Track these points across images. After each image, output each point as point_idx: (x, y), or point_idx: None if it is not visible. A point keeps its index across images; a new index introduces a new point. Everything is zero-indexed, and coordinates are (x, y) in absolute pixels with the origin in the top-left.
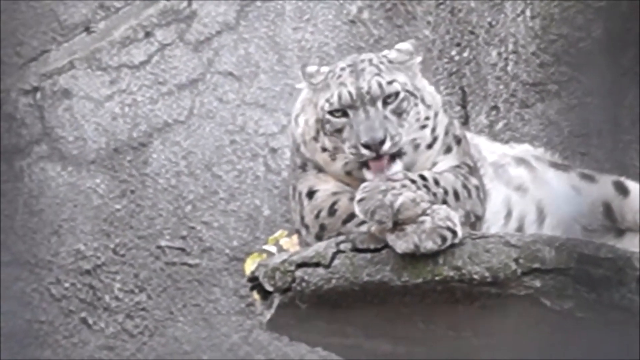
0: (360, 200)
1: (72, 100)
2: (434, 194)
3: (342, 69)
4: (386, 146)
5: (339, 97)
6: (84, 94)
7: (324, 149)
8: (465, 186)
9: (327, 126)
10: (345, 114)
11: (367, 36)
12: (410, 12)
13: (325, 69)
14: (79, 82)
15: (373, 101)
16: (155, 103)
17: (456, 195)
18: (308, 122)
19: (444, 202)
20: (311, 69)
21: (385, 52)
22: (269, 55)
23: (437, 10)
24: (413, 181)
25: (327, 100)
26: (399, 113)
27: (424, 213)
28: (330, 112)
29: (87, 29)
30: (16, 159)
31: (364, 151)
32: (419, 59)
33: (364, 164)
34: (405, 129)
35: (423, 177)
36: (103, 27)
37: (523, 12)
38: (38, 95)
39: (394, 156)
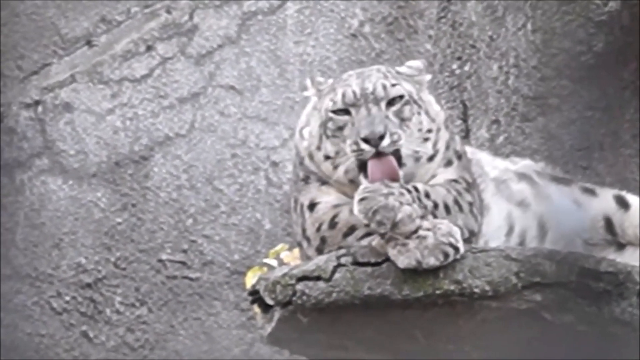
0: (362, 199)
1: (73, 113)
2: (424, 207)
3: (350, 75)
4: (385, 142)
5: (343, 96)
6: (85, 107)
7: (327, 157)
8: (456, 201)
9: (330, 124)
10: (347, 112)
11: (369, 50)
12: (412, 26)
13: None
14: (80, 96)
15: (376, 101)
16: (157, 117)
17: (447, 208)
18: (312, 132)
19: (434, 215)
20: (320, 78)
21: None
22: (270, 69)
23: (438, 24)
24: (409, 191)
25: (332, 100)
26: (401, 117)
27: (416, 230)
28: (334, 111)
29: (89, 43)
30: (17, 173)
31: (364, 146)
32: (427, 76)
33: (363, 168)
34: (406, 134)
35: (416, 189)
36: (104, 41)
37: (524, 25)
38: (39, 108)
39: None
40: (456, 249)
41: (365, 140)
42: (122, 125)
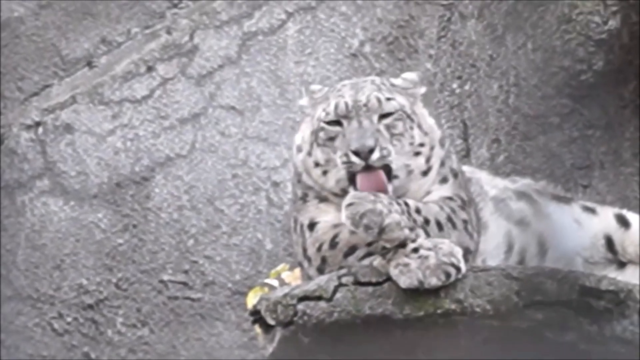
0: (350, 204)
1: (74, 134)
2: (414, 221)
3: (344, 85)
4: (375, 155)
5: (336, 107)
6: (86, 128)
7: (317, 164)
8: (450, 218)
9: (321, 134)
10: (339, 124)
11: (369, 70)
12: (412, 46)
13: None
14: (80, 117)
15: (368, 114)
16: (158, 137)
17: (439, 225)
18: (304, 138)
19: (425, 231)
20: (314, 87)
21: (391, 79)
22: (271, 89)
23: (439, 43)
24: (398, 204)
25: (324, 110)
26: (392, 132)
27: (405, 240)
28: (326, 122)
29: (89, 64)
30: (18, 194)
31: (354, 158)
32: (422, 89)
33: (353, 180)
34: (397, 148)
35: (406, 204)
36: (105, 62)
37: (524, 44)
38: (40, 130)
39: (387, 175)
40: (458, 268)
41: (355, 153)
42: (123, 146)
